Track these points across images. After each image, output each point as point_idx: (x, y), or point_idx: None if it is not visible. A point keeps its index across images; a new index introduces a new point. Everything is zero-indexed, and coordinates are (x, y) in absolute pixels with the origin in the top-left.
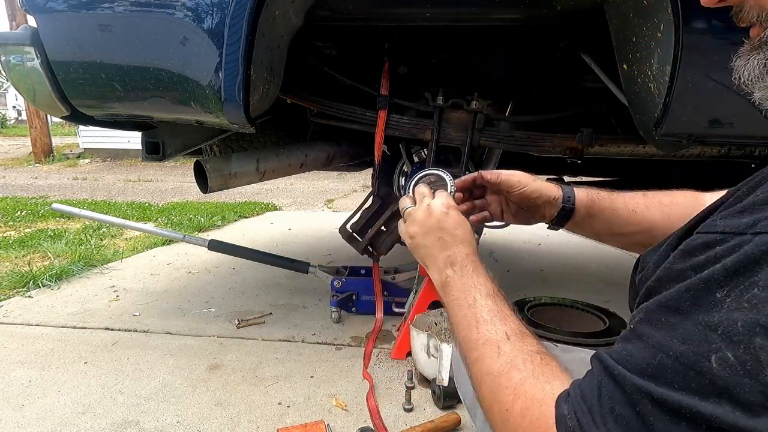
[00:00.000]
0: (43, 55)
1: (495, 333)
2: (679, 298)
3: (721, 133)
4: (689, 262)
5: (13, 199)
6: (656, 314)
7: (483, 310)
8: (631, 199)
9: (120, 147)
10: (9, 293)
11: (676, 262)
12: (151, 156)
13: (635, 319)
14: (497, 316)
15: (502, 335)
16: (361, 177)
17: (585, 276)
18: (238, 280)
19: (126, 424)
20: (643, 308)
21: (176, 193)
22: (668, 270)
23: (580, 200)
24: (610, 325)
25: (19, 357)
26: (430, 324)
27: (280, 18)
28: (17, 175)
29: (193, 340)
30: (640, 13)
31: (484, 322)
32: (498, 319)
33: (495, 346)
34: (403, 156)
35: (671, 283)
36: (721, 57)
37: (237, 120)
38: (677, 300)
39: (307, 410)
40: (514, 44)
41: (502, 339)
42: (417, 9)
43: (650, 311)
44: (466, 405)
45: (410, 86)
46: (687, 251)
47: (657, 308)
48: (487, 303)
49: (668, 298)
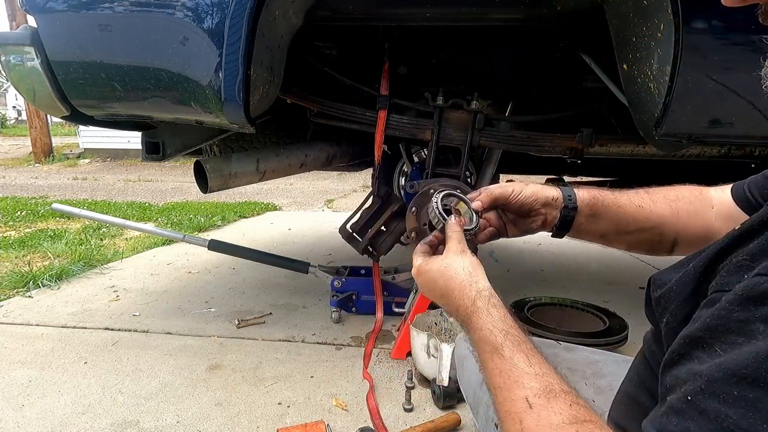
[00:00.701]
0: (43, 55)
1: (514, 402)
2: (758, 366)
3: (721, 133)
4: (757, 312)
5: (13, 199)
6: (725, 385)
7: (494, 374)
8: (635, 196)
9: (120, 147)
10: (9, 293)
11: (734, 309)
12: (151, 156)
13: (688, 385)
14: (510, 376)
15: (522, 403)
16: (361, 177)
17: (585, 276)
18: (238, 280)
19: (126, 424)
20: (699, 374)
21: (176, 193)
22: (724, 319)
23: (581, 199)
24: (610, 325)
25: (19, 357)
26: (430, 324)
27: (280, 18)
28: (17, 175)
29: (193, 340)
30: (640, 13)
31: (499, 388)
32: (512, 380)
33: (518, 421)
34: (403, 156)
35: (731, 336)
36: (721, 57)
37: (237, 120)
38: (755, 368)
39: (307, 410)
40: (514, 44)
41: (523, 409)
42: (417, 9)
43: (714, 380)
44: (469, 403)
45: (410, 86)
46: (750, 298)
47: (725, 378)
48: (495, 362)
49: (740, 364)
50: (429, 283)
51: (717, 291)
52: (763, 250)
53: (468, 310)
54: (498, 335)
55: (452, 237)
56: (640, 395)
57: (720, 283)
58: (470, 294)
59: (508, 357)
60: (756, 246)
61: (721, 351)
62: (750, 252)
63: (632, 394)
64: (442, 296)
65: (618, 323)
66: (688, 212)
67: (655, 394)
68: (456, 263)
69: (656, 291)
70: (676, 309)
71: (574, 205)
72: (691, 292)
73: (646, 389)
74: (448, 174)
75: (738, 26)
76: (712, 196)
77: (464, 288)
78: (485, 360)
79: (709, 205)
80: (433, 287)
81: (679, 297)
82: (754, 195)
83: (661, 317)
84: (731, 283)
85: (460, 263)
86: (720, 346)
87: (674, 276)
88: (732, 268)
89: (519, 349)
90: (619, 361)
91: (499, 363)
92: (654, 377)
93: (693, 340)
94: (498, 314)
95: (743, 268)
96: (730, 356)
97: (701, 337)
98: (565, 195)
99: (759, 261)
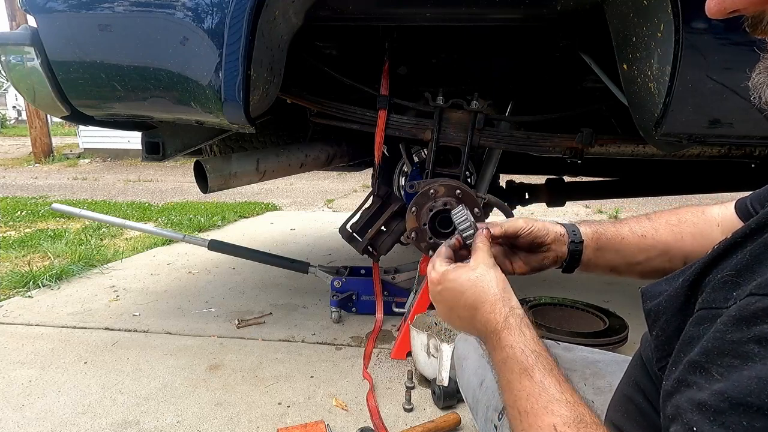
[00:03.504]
0: (43, 55)
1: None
2: (760, 392)
3: (721, 133)
4: (750, 333)
5: (13, 199)
6: (730, 416)
7: (520, 397)
8: (637, 225)
9: (120, 147)
10: (9, 293)
11: (728, 331)
12: (151, 156)
13: (691, 415)
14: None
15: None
16: (361, 177)
17: (585, 276)
18: (238, 280)
19: (126, 424)
20: (702, 403)
21: (176, 193)
22: (719, 341)
23: (585, 233)
24: (610, 325)
25: (19, 357)
26: (430, 324)
27: (280, 18)
28: (17, 175)
29: (193, 340)
30: (640, 13)
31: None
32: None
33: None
34: (403, 156)
35: (726, 359)
36: (721, 57)
37: (237, 120)
38: (758, 395)
39: (307, 410)
40: (514, 44)
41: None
42: (417, 9)
43: (719, 411)
44: (468, 404)
45: (410, 86)
46: (743, 318)
47: (729, 407)
48: (523, 385)
49: (743, 392)
50: (453, 292)
51: (703, 308)
52: (746, 265)
53: (498, 325)
54: (529, 356)
55: (482, 248)
56: (636, 396)
57: (705, 300)
58: (503, 310)
59: (538, 380)
60: (740, 260)
61: (718, 375)
62: (734, 267)
63: (629, 394)
64: (467, 307)
65: (618, 323)
66: (693, 234)
67: (649, 396)
68: (489, 276)
69: (647, 303)
70: (665, 324)
71: (580, 239)
72: (680, 306)
73: (641, 391)
74: (448, 174)
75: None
76: (715, 215)
77: (497, 302)
78: (511, 381)
79: (714, 223)
80: (458, 297)
81: (668, 312)
82: (754, 207)
83: (652, 330)
84: (718, 300)
85: (493, 276)
86: (717, 369)
87: (665, 288)
88: (717, 284)
89: (550, 374)
90: (618, 361)
91: (528, 386)
92: (649, 379)
93: (691, 365)
94: (530, 335)
95: (728, 284)
96: (731, 382)
97: (698, 361)
98: (570, 230)
99: (744, 276)
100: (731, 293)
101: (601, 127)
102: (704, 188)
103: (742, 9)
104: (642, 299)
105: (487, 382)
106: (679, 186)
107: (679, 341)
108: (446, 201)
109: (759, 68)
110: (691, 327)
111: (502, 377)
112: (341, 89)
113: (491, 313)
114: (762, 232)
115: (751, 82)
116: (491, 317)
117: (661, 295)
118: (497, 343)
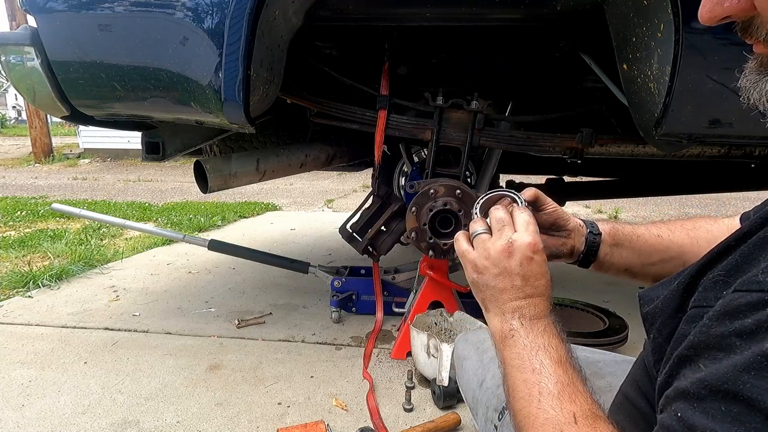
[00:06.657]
0: (43, 55)
1: (560, 412)
2: (736, 379)
3: (721, 133)
4: (732, 327)
5: (13, 199)
6: (710, 401)
7: (550, 380)
8: (652, 226)
9: (120, 147)
10: (9, 293)
11: (712, 325)
12: (151, 156)
13: (677, 403)
14: (566, 390)
15: (568, 416)
16: (361, 177)
17: (585, 276)
18: (238, 280)
19: (126, 424)
20: (685, 391)
21: (176, 193)
22: (704, 335)
23: (602, 228)
24: (609, 325)
25: (19, 357)
26: (430, 324)
27: (280, 18)
28: (17, 175)
29: (193, 340)
30: (640, 13)
31: (549, 395)
32: (567, 394)
33: (557, 430)
34: (403, 156)
35: (712, 351)
36: (721, 57)
37: (237, 120)
38: (734, 382)
39: (307, 410)
40: (514, 44)
41: (567, 421)
42: (417, 9)
43: (700, 397)
44: (468, 404)
45: (410, 86)
46: (726, 313)
47: (710, 394)
48: (556, 372)
49: (721, 379)
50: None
51: (695, 306)
52: (736, 265)
53: (548, 311)
54: (568, 345)
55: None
56: (637, 399)
57: (698, 299)
58: (548, 292)
59: (570, 370)
60: (730, 261)
61: (703, 367)
62: (725, 267)
63: (630, 396)
64: (513, 274)
65: (618, 323)
66: (708, 240)
67: (650, 399)
68: (541, 251)
69: (644, 307)
70: (661, 326)
71: (598, 232)
72: (675, 308)
73: (643, 394)
74: (448, 174)
75: None
76: (726, 224)
77: (547, 276)
78: (545, 364)
79: (727, 233)
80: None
81: (664, 314)
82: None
83: (648, 333)
84: (708, 299)
85: (542, 254)
86: (702, 362)
87: (661, 292)
88: (709, 283)
89: (577, 367)
90: (618, 361)
91: (561, 373)
92: (649, 382)
93: (680, 359)
94: (561, 328)
95: (719, 284)
96: (710, 371)
97: (686, 354)
98: (588, 223)
99: (733, 275)
100: (721, 292)
101: (601, 127)
102: (704, 188)
103: (732, 15)
104: (639, 303)
105: (487, 382)
106: (679, 186)
107: (673, 339)
108: (446, 201)
109: (746, 70)
110: (683, 325)
111: (536, 357)
112: (341, 89)
113: (545, 288)
114: (753, 235)
115: (740, 84)
116: (534, 291)
117: (657, 299)
118: (534, 315)
